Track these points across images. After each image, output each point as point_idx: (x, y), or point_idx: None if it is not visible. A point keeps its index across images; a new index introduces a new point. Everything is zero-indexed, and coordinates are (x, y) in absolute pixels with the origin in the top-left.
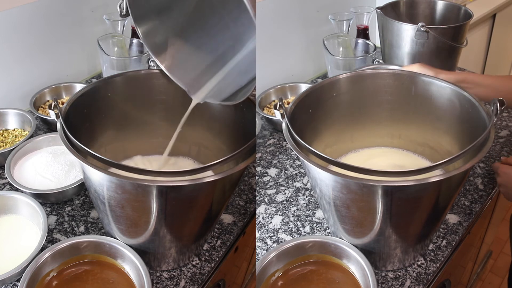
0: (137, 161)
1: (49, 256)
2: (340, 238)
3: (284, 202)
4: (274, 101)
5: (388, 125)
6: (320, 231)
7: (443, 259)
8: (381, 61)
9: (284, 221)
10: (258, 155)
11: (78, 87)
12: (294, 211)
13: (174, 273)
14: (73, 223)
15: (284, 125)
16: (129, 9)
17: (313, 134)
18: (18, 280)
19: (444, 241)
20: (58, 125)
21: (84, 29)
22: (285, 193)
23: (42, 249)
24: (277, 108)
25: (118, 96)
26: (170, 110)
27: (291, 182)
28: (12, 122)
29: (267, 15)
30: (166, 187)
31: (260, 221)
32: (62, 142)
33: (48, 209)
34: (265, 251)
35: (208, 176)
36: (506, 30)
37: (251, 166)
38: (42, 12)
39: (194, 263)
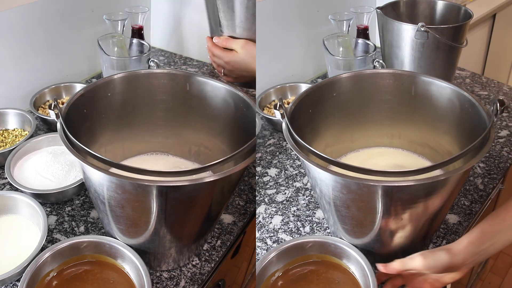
0: (137, 161)
1: (49, 256)
2: (340, 238)
3: (284, 202)
4: (274, 101)
5: (388, 125)
6: (320, 231)
7: None
8: (381, 61)
9: (284, 221)
10: (258, 155)
11: (78, 87)
12: (294, 211)
13: (174, 273)
14: (73, 223)
15: (284, 125)
16: None
17: (313, 134)
18: (18, 280)
19: (444, 241)
20: (58, 125)
21: (84, 29)
22: (285, 193)
23: (42, 249)
24: (277, 108)
25: (118, 96)
26: (170, 110)
27: (291, 182)
28: (12, 122)
29: (267, 15)
30: (166, 187)
31: (260, 221)
32: (62, 142)
33: (48, 209)
34: (265, 251)
35: (208, 176)
36: (506, 30)
37: (251, 166)
38: (42, 12)
39: (194, 263)
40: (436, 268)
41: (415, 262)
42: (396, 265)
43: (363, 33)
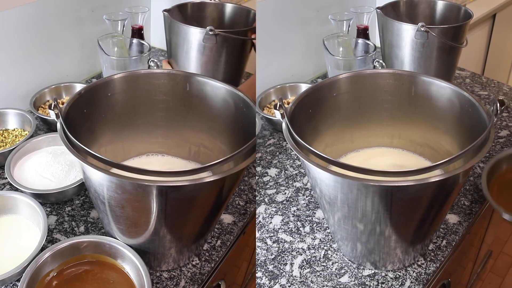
0: (137, 161)
1: (49, 256)
2: (339, 239)
3: (284, 202)
4: (274, 101)
5: (388, 125)
6: (320, 231)
7: (443, 259)
8: (381, 61)
9: (284, 221)
10: (258, 155)
11: (78, 87)
12: (294, 211)
13: (174, 273)
14: (73, 223)
15: (284, 125)
16: None
17: (313, 134)
18: (18, 280)
19: (444, 241)
20: (58, 125)
21: (84, 29)
22: (285, 193)
23: (42, 249)
24: (277, 108)
25: (118, 96)
26: (170, 110)
27: (291, 182)
28: (12, 122)
29: (267, 15)
30: (166, 187)
31: (260, 221)
32: (62, 142)
33: (48, 209)
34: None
35: (208, 176)
36: (506, 30)
37: (251, 166)
38: (42, 12)
39: (194, 263)
40: None
41: None
42: None
43: (363, 33)
